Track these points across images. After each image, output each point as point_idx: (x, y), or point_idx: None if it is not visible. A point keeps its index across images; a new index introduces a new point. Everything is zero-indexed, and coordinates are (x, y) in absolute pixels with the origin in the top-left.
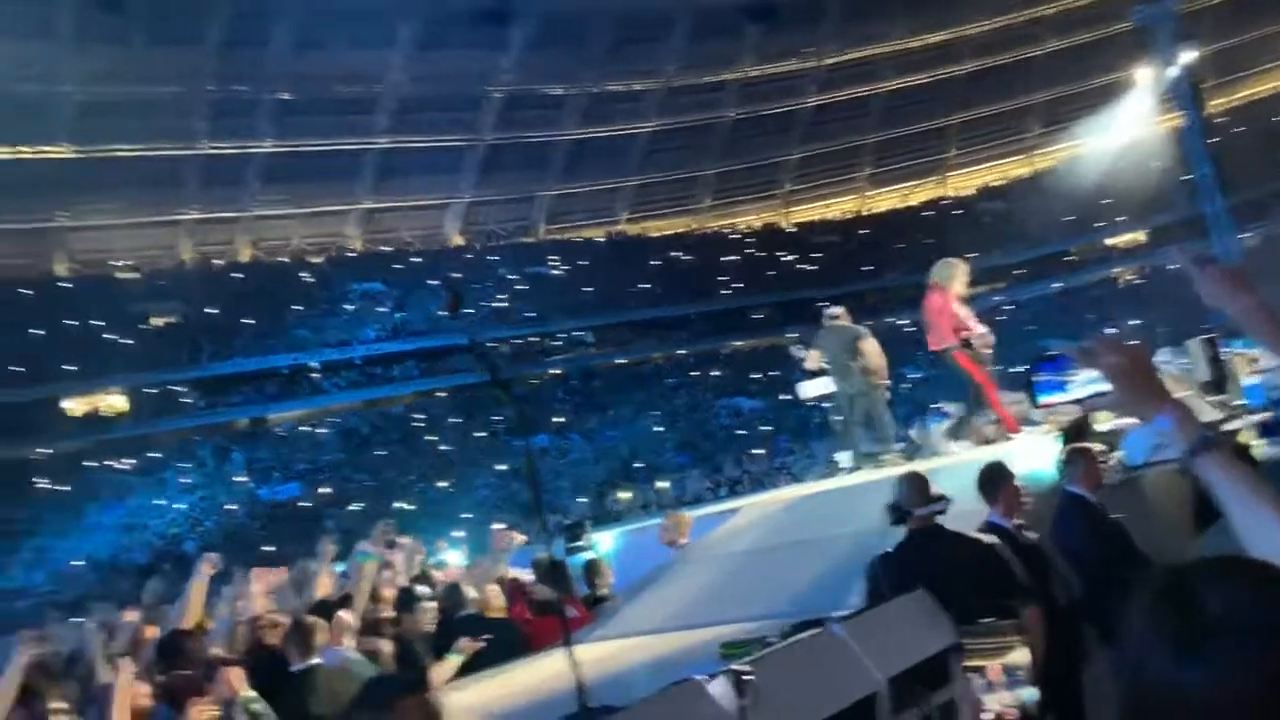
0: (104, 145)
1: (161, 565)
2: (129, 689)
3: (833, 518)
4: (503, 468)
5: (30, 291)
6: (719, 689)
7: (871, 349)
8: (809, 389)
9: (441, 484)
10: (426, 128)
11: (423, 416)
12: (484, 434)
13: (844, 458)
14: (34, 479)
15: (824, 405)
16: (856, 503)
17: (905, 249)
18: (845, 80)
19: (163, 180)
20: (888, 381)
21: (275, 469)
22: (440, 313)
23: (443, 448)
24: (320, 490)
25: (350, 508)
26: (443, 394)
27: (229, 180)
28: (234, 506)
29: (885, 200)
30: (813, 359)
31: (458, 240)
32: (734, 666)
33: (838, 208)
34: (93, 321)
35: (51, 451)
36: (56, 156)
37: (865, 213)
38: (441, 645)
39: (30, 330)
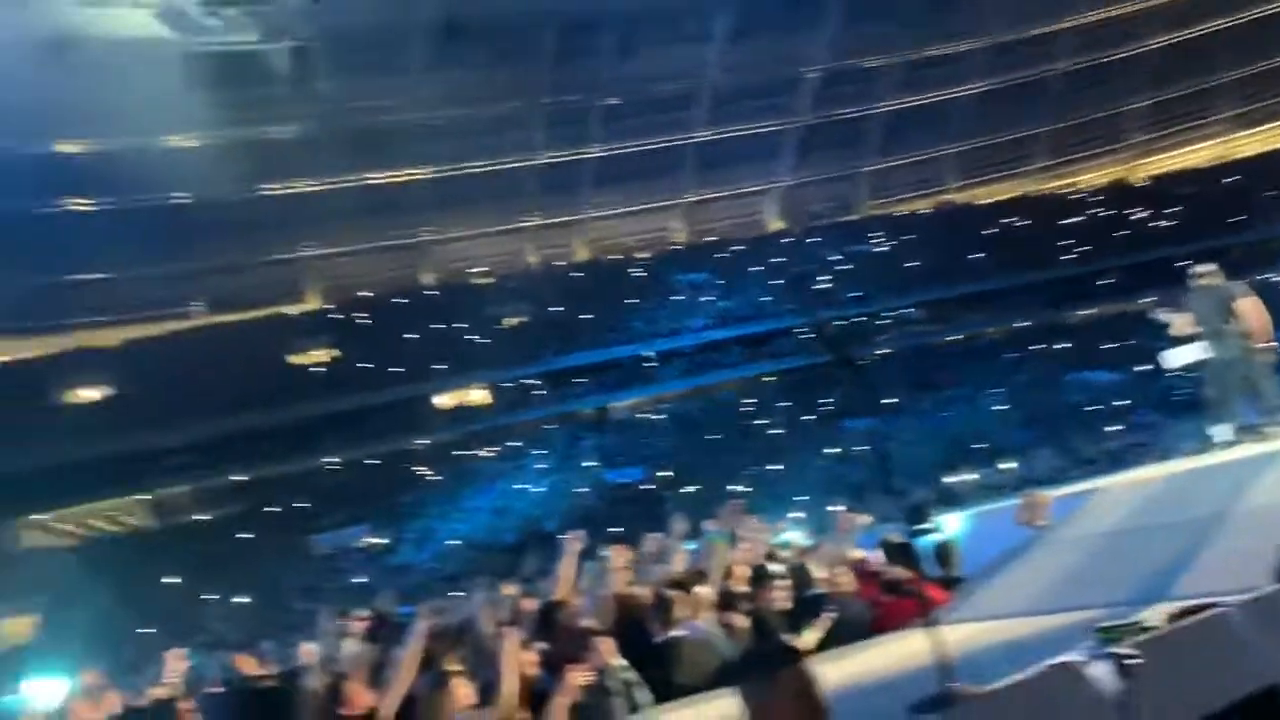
0: (456, 164)
1: (527, 544)
2: (517, 655)
3: (1211, 496)
4: (833, 451)
5: (404, 301)
6: (1099, 673)
7: (1249, 309)
8: (1175, 357)
9: (773, 467)
10: (743, 116)
11: (752, 401)
12: (813, 417)
13: (1220, 431)
14: (414, 467)
15: (1192, 375)
16: (1238, 479)
17: None
18: (1196, 15)
19: (508, 191)
20: (1273, 344)
21: (619, 454)
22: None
23: (773, 432)
24: (660, 474)
25: (688, 490)
26: (770, 378)
27: (566, 186)
28: (585, 489)
29: (1253, 143)
30: (1181, 324)
31: (778, 225)
32: (1117, 650)
33: (1197, 156)
34: (455, 325)
35: (428, 442)
36: (417, 178)
37: (1230, 159)
38: (794, 622)
39: (404, 336)
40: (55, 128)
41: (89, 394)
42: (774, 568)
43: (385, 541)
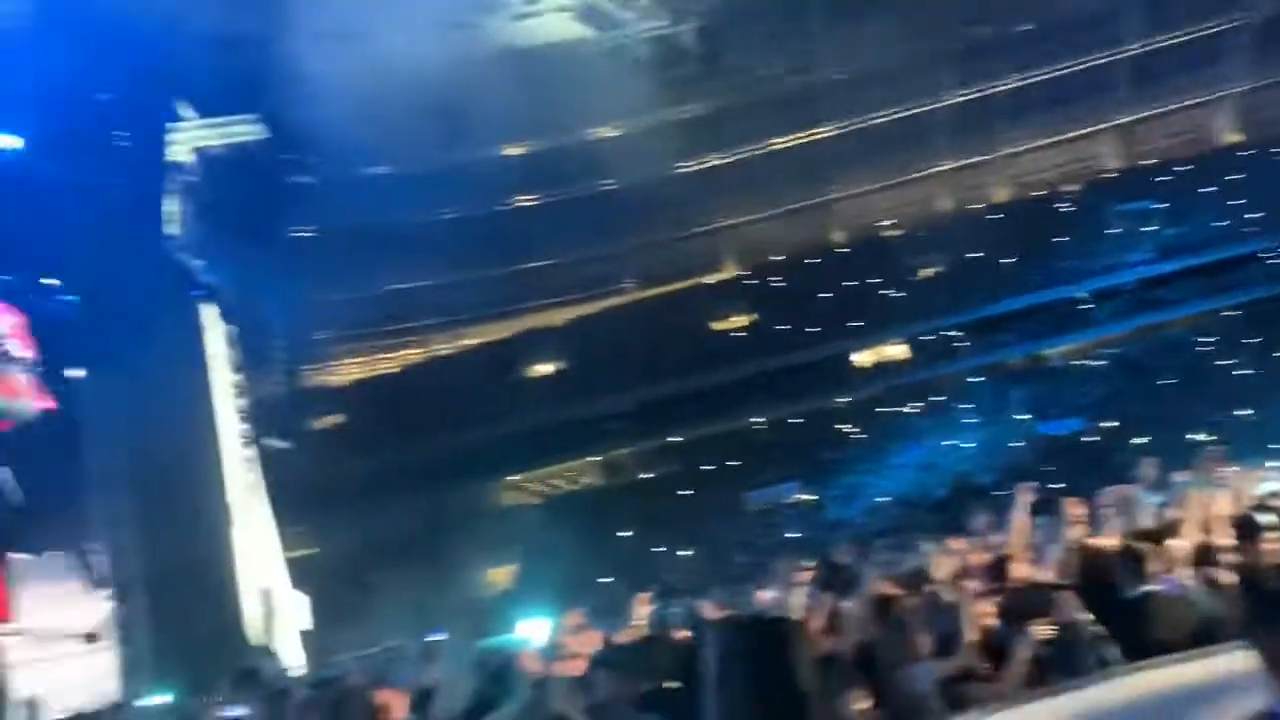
0: (860, 118)
1: (958, 500)
2: (973, 606)
3: None
4: None
5: (816, 261)
6: None
7: None
8: None
9: (1242, 412)
10: (1182, 21)
11: (1209, 339)
12: None
13: None
14: (837, 425)
15: None
16: None
17: None
18: None
19: (916, 138)
20: None
21: (1054, 404)
22: None
23: (1239, 372)
24: (1103, 424)
25: (1138, 440)
26: (1232, 312)
27: (976, 125)
28: (1018, 442)
29: None
30: None
31: (1233, 137)
32: None
33: None
34: (869, 280)
35: (849, 400)
36: (822, 137)
37: None
38: None
39: (818, 296)
40: (501, 134)
41: (543, 369)
42: (1265, 519)
43: (814, 498)
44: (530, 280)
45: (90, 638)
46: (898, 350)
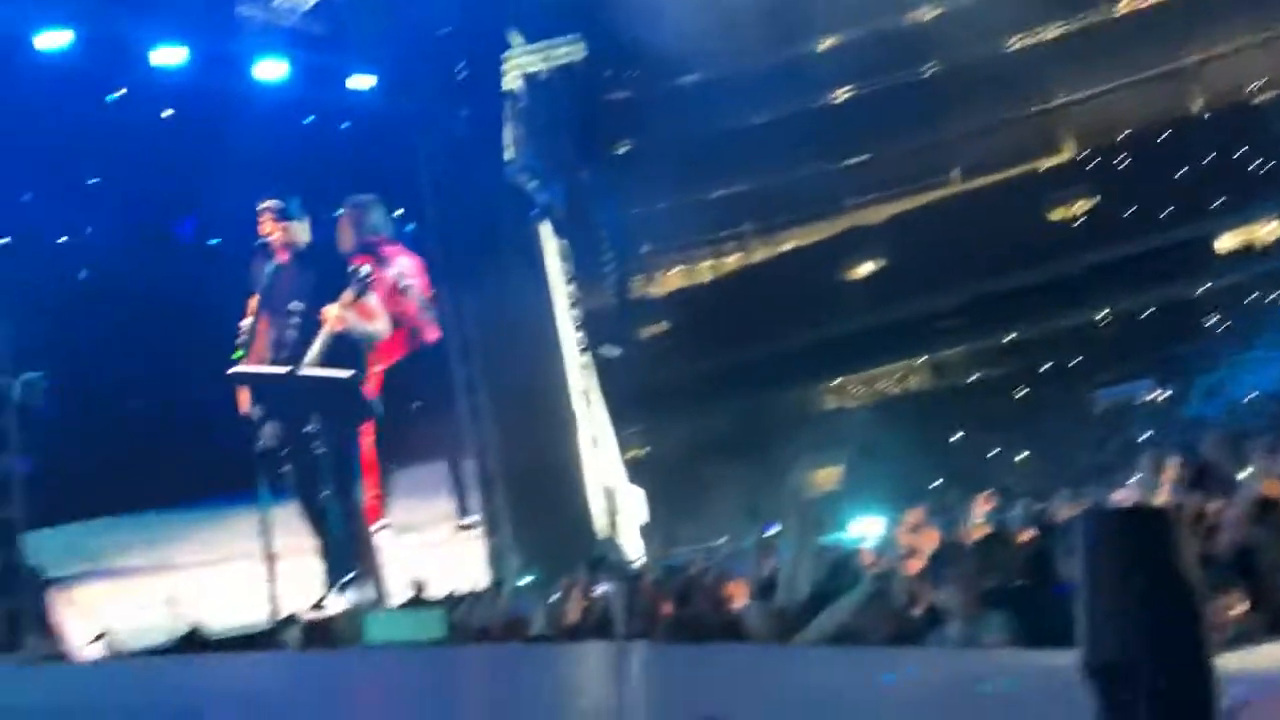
0: None
1: None
2: None
3: None
4: None
5: (1169, 135)
6: None
7: None
8: None
9: None
10: None
11: None
12: None
13: None
14: (1196, 316)
15: None
16: None
17: None
18: None
19: None
20: None
21: None
22: None
23: None
24: None
25: None
26: None
27: None
28: None
29: None
30: None
31: None
32: None
33: None
34: (1234, 153)
35: (1210, 288)
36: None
37: None
38: None
39: (1173, 173)
40: (817, 26)
41: (867, 268)
42: None
43: (1169, 395)
44: (851, 177)
45: (463, 528)
46: (1269, 229)
